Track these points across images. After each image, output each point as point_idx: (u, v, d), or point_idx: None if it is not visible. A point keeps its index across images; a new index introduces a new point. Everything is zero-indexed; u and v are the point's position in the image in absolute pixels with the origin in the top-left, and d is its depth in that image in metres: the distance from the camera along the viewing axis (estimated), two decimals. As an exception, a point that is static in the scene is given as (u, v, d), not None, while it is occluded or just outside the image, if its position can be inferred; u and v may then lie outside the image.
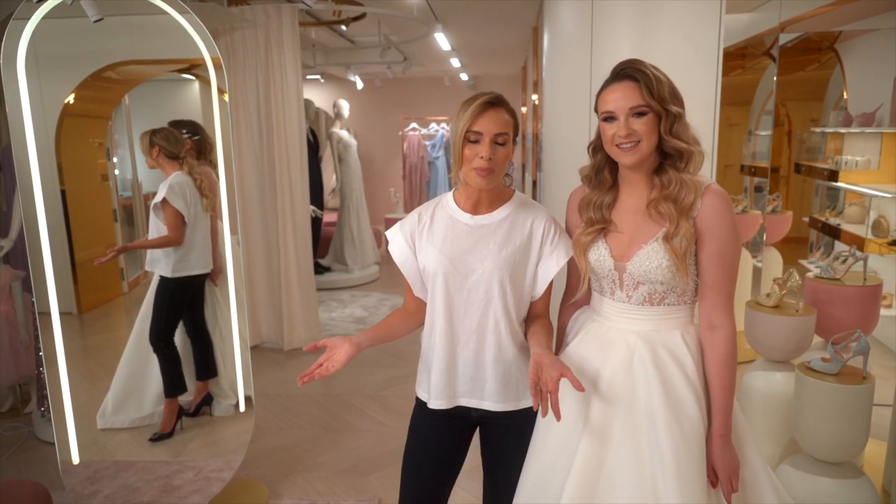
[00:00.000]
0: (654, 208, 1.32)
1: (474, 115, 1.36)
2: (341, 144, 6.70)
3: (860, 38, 4.20)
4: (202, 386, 3.01)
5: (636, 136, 1.28)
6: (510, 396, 1.48)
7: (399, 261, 1.53)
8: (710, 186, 1.30)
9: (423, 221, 1.51)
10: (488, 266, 1.43)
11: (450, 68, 8.11)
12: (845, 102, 4.38)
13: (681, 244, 1.28)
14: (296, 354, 4.29)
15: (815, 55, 4.65)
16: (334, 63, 7.21)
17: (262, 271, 4.33)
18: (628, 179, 1.38)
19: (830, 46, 4.50)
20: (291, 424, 3.25)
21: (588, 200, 1.42)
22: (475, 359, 1.47)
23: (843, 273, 2.45)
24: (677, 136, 1.28)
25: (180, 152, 2.72)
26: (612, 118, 1.30)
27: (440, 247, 1.46)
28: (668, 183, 1.30)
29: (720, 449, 1.29)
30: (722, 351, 1.31)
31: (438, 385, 1.48)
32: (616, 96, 1.29)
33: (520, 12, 4.94)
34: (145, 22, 2.71)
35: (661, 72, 1.28)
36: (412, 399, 1.63)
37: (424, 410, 1.55)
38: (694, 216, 1.29)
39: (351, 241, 6.62)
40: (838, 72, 4.47)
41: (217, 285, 2.97)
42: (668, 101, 1.26)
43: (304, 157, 4.28)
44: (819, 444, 2.08)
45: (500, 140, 1.38)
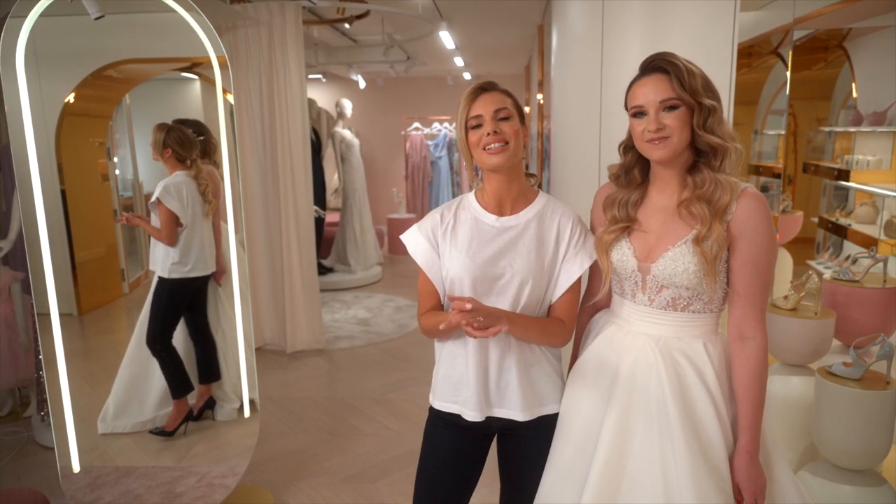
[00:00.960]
0: (685, 208, 1.26)
1: (470, 102, 1.36)
2: (344, 144, 6.65)
3: (870, 35, 4.14)
4: (205, 389, 2.96)
5: (667, 130, 1.22)
6: (533, 403, 1.42)
7: (425, 264, 1.44)
8: (747, 189, 1.23)
9: (447, 222, 1.44)
10: (518, 269, 1.37)
11: (453, 67, 8.06)
12: (854, 101, 4.32)
13: (712, 248, 1.21)
14: (299, 357, 4.24)
15: (822, 54, 4.59)
16: (336, 62, 7.16)
17: (265, 272, 4.27)
18: (660, 177, 1.32)
19: (839, 45, 4.44)
20: (296, 429, 3.20)
21: (614, 198, 1.36)
22: (501, 366, 1.40)
23: (863, 275, 2.39)
24: (711, 131, 1.21)
25: (191, 156, 2.68)
26: (642, 113, 1.25)
27: (466, 250, 1.39)
28: (701, 183, 1.24)
29: (746, 467, 1.23)
30: (753, 364, 1.25)
31: (475, 396, 1.40)
32: (646, 90, 1.23)
33: (525, 11, 4.89)
34: (147, 19, 2.67)
35: (693, 64, 1.22)
36: (418, 403, 1.57)
37: (441, 421, 1.49)
38: (728, 220, 1.22)
39: (353, 241, 6.56)
40: (846, 70, 4.41)
41: (221, 285, 2.92)
42: (700, 94, 1.20)
43: (308, 156, 4.23)
44: (840, 451, 2.02)
45: (501, 115, 1.35)
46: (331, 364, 4.13)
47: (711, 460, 1.21)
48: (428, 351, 4.41)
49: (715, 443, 1.22)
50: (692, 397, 1.24)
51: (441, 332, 1.42)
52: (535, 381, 1.42)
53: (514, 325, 1.32)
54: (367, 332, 4.77)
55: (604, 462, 1.25)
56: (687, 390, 1.24)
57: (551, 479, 1.36)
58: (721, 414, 1.25)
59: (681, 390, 1.24)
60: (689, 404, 1.24)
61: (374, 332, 4.75)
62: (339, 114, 6.68)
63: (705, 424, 1.23)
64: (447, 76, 8.67)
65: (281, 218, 4.19)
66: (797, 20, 3.50)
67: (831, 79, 4.60)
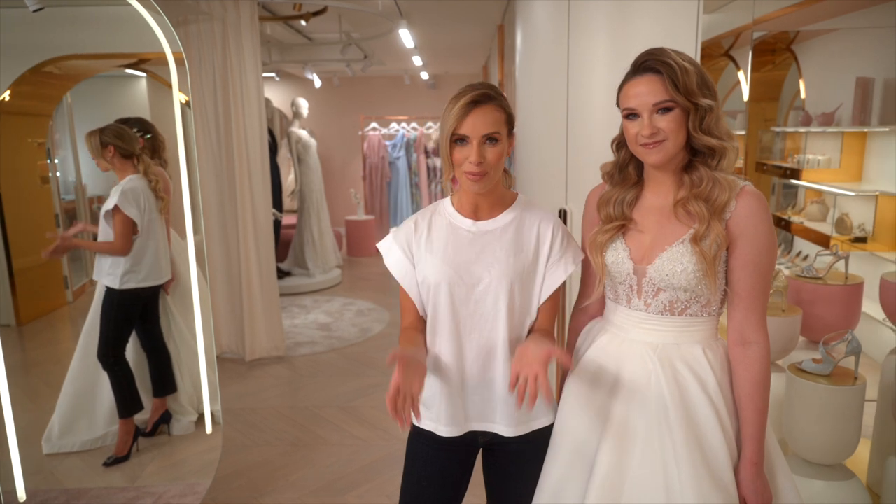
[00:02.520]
0: (682, 207, 1.21)
1: (459, 118, 1.24)
2: (300, 144, 6.48)
3: (817, 38, 4.27)
4: (159, 403, 2.81)
5: (661, 134, 1.17)
6: (522, 418, 1.36)
7: (399, 275, 1.38)
8: (746, 187, 1.19)
9: (421, 230, 1.38)
10: (496, 274, 1.31)
11: (410, 67, 7.98)
12: (802, 102, 4.46)
13: (711, 247, 1.17)
14: (258, 365, 4.09)
15: (770, 56, 4.72)
16: (291, 60, 6.98)
17: (222, 278, 4.10)
18: (654, 177, 1.27)
19: (787, 48, 4.58)
20: (258, 441, 3.06)
21: (608, 197, 1.31)
22: (483, 378, 1.34)
23: (826, 272, 2.44)
24: (708, 132, 1.17)
25: (135, 150, 2.53)
26: (635, 115, 1.19)
27: (442, 256, 1.34)
28: (699, 181, 1.19)
29: (753, 479, 1.18)
30: (756, 369, 1.20)
31: (448, 410, 1.34)
32: (638, 91, 1.18)
33: (485, 10, 4.85)
34: (92, 13, 2.53)
35: (689, 60, 1.17)
36: (385, 409, 1.49)
37: (423, 438, 1.41)
38: (727, 219, 1.18)
39: (312, 244, 6.41)
40: (793, 72, 4.55)
41: (169, 294, 2.78)
42: (696, 94, 1.15)
43: (266, 157, 4.09)
44: (811, 447, 2.05)
45: (490, 138, 1.26)
46: (292, 372, 4.00)
47: (715, 473, 1.16)
48: (393, 355, 4.33)
49: (719, 454, 1.18)
50: (694, 407, 1.19)
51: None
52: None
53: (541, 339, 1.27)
54: (329, 337, 4.65)
55: (602, 479, 1.20)
56: (688, 400, 1.20)
57: (545, 497, 1.30)
58: (724, 423, 1.20)
59: (682, 400, 1.19)
60: (691, 414, 1.19)
61: (336, 338, 4.63)
62: (296, 113, 6.52)
63: (708, 435, 1.18)
64: (404, 75, 8.59)
65: (238, 221, 4.03)
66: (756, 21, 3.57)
67: (779, 81, 4.73)
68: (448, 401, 1.34)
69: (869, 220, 3.75)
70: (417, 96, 9.08)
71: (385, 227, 8.21)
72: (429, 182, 8.24)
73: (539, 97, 3.13)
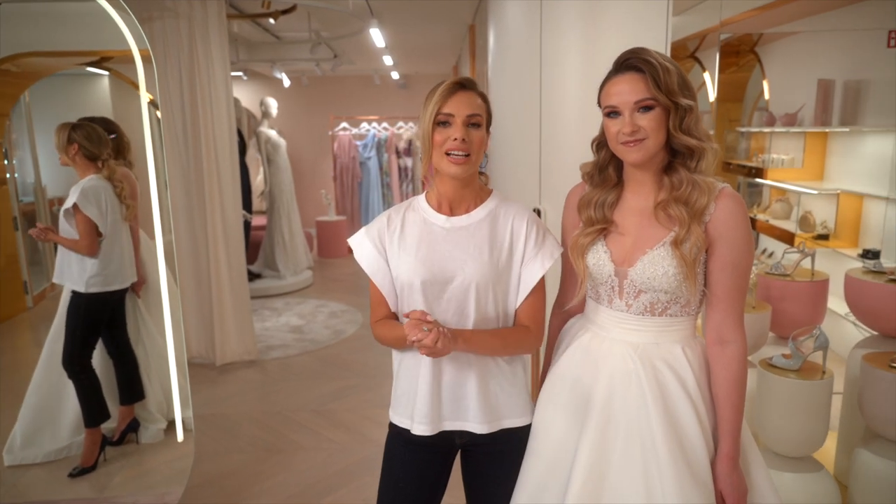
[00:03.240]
0: (662, 210, 1.22)
1: (444, 97, 1.27)
2: (270, 144, 6.39)
3: (781, 40, 4.38)
4: (127, 411, 2.74)
5: (642, 132, 1.18)
6: (492, 415, 1.36)
7: (370, 270, 1.36)
8: (725, 190, 1.21)
9: (394, 225, 1.36)
10: (470, 272, 1.30)
11: (381, 66, 7.93)
12: (766, 103, 4.57)
13: (691, 251, 1.18)
14: (230, 369, 4.01)
15: (734, 58, 4.82)
16: (259, 59, 6.87)
17: (191, 281, 4.01)
18: (634, 178, 1.28)
19: (750, 49, 4.69)
20: (231, 448, 3.00)
21: (589, 199, 1.31)
22: (457, 376, 1.34)
23: (794, 269, 2.50)
24: (688, 132, 1.18)
25: (102, 154, 2.46)
26: (616, 113, 1.20)
27: (415, 253, 1.32)
28: (678, 183, 1.20)
29: (729, 473, 1.21)
30: (734, 368, 1.23)
31: (423, 409, 1.33)
32: (619, 89, 1.19)
33: (457, 10, 4.85)
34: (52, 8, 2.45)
35: (670, 61, 1.18)
36: (360, 412, 1.48)
37: (401, 439, 1.40)
38: (706, 221, 1.20)
39: (282, 245, 6.32)
40: (757, 73, 4.66)
41: (140, 297, 2.71)
42: (677, 94, 1.16)
43: (235, 158, 4.02)
44: (781, 440, 2.09)
45: (473, 121, 1.28)
46: (264, 376, 3.93)
47: (694, 468, 1.19)
48: (368, 357, 4.31)
49: (698, 450, 1.20)
50: (674, 404, 1.21)
51: (395, 345, 1.37)
52: (496, 394, 1.36)
53: (471, 345, 1.27)
54: (302, 339, 4.59)
55: (583, 479, 1.21)
56: (668, 397, 1.22)
57: (523, 497, 1.30)
58: (702, 419, 1.22)
59: (662, 398, 1.21)
60: (671, 412, 1.21)
61: (309, 340, 4.57)
62: (264, 113, 6.42)
63: (687, 431, 1.20)
64: (374, 75, 8.53)
65: (207, 222, 3.95)
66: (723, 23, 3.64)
67: (743, 82, 4.84)
68: (422, 399, 1.33)
69: (831, 217, 3.86)
70: (388, 96, 9.03)
71: (356, 227, 8.14)
72: (400, 182, 8.20)
73: (512, 97, 3.15)
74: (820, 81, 3.84)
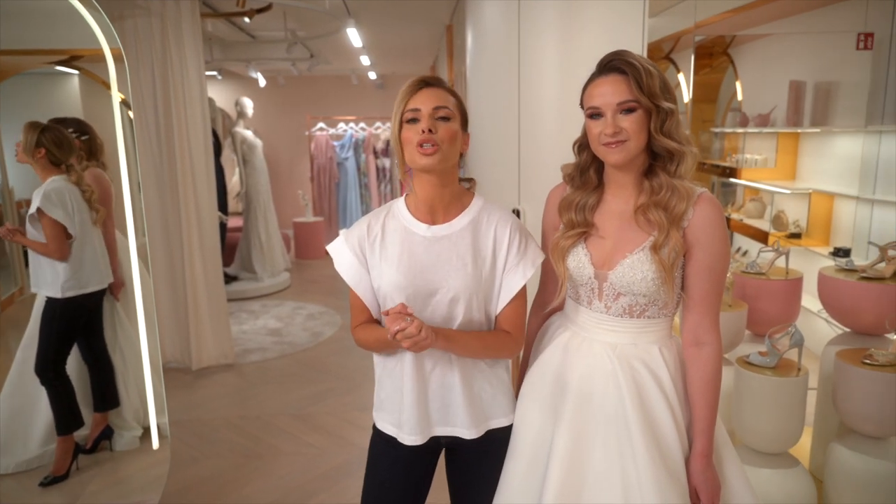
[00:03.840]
0: (642, 214, 1.23)
1: (410, 94, 1.26)
2: (245, 145, 6.31)
3: (753, 42, 4.46)
4: (101, 418, 2.67)
5: (624, 134, 1.18)
6: (479, 418, 1.35)
7: (351, 280, 1.33)
8: (703, 195, 1.22)
9: (374, 233, 1.33)
10: (454, 283, 1.28)
11: (358, 66, 7.89)
12: (739, 104, 4.65)
13: (669, 256, 1.20)
14: (206, 374, 3.95)
15: (708, 60, 4.90)
16: (234, 58, 6.78)
17: (165, 284, 3.94)
18: (615, 180, 1.29)
19: (724, 52, 4.76)
20: (208, 454, 2.95)
21: (570, 201, 1.31)
22: (443, 383, 1.32)
23: (769, 268, 2.54)
24: (669, 135, 1.19)
25: (67, 160, 2.39)
26: (599, 115, 1.21)
27: (397, 265, 1.29)
28: (658, 188, 1.21)
29: (703, 470, 1.23)
30: (709, 369, 1.25)
31: (412, 419, 1.31)
32: (602, 91, 1.19)
33: (434, 10, 4.84)
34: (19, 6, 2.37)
35: (652, 64, 1.19)
36: (340, 415, 1.47)
37: (384, 443, 1.39)
38: (684, 226, 1.22)
39: (259, 247, 6.25)
40: (730, 75, 4.73)
41: (119, 300, 2.65)
42: (659, 97, 1.17)
43: (211, 159, 3.95)
44: (759, 437, 2.12)
45: (441, 114, 1.25)
46: (242, 380, 3.88)
47: (670, 465, 1.21)
48: (347, 359, 4.27)
49: (673, 448, 1.22)
50: (651, 404, 1.23)
51: (377, 348, 1.34)
52: (481, 396, 1.35)
53: (452, 343, 1.26)
54: (280, 342, 4.53)
55: (560, 476, 1.22)
56: (645, 396, 1.23)
57: (505, 496, 1.30)
58: (677, 418, 1.24)
59: (639, 397, 1.23)
60: (647, 411, 1.22)
61: (287, 343, 4.52)
62: (240, 113, 6.33)
63: (663, 430, 1.22)
64: (352, 75, 8.48)
65: (181, 224, 3.88)
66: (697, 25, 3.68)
67: (716, 83, 4.91)
68: (410, 409, 1.31)
69: (803, 216, 3.94)
70: (365, 96, 8.99)
71: (334, 228, 8.09)
72: (378, 183, 8.17)
73: (491, 97, 3.14)
74: (791, 83, 3.91)
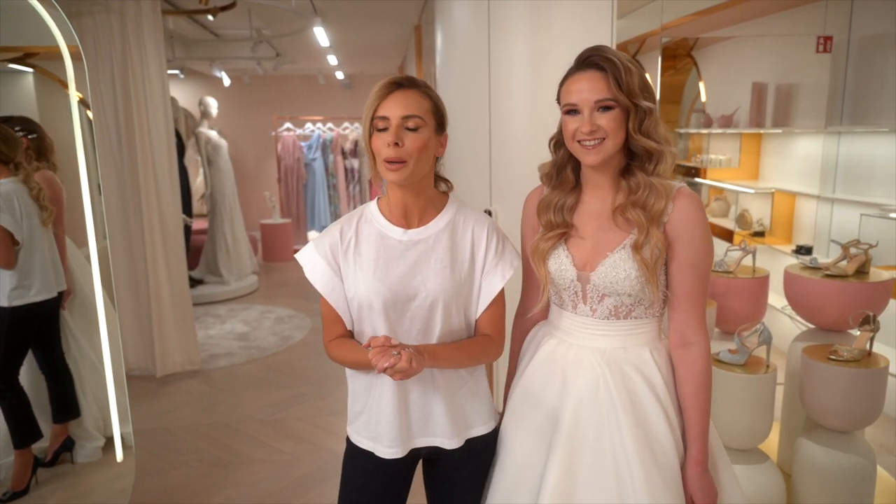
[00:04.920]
0: (620, 214, 1.21)
1: (379, 99, 1.18)
2: (210, 145, 6.17)
3: (716, 45, 4.55)
4: (60, 429, 2.57)
5: (601, 132, 1.15)
6: (462, 428, 1.32)
7: (324, 290, 1.27)
8: (682, 190, 1.20)
9: (347, 239, 1.27)
10: (432, 288, 1.24)
11: (325, 66, 7.80)
12: (702, 105, 4.73)
13: (652, 254, 1.17)
14: (171, 381, 3.84)
15: (672, 62, 4.98)
16: (197, 57, 6.63)
17: (127, 289, 3.82)
18: (592, 181, 1.26)
19: (687, 54, 4.84)
20: (175, 463, 2.87)
21: (548, 202, 1.28)
22: (424, 393, 1.28)
23: (736, 266, 2.58)
24: (647, 135, 1.16)
25: (15, 157, 2.29)
26: (576, 111, 1.17)
27: (373, 272, 1.25)
28: (635, 187, 1.19)
29: (699, 478, 1.19)
30: (699, 370, 1.21)
31: (391, 431, 1.27)
32: (580, 87, 1.15)
33: (402, 10, 4.81)
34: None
35: (632, 61, 1.16)
36: (311, 421, 1.42)
37: (360, 456, 1.34)
38: (665, 221, 1.19)
39: (225, 249, 6.12)
40: (693, 77, 4.82)
41: (65, 308, 2.55)
42: (638, 95, 1.14)
43: (174, 160, 3.85)
44: (730, 433, 2.15)
45: (410, 125, 1.17)
46: (209, 386, 3.78)
47: (665, 474, 1.17)
48: (317, 363, 4.20)
49: (668, 455, 1.19)
50: (643, 409, 1.20)
51: (357, 368, 1.30)
52: (462, 405, 1.32)
53: (437, 360, 1.21)
54: (247, 347, 4.44)
55: (553, 492, 1.18)
56: (638, 403, 1.20)
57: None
58: (672, 423, 1.21)
59: (631, 403, 1.19)
60: (640, 417, 1.19)
61: (255, 348, 4.43)
62: (204, 113, 6.19)
63: (658, 437, 1.19)
64: (318, 74, 8.38)
65: (144, 227, 3.77)
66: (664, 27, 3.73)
67: (680, 84, 4.99)
68: (389, 421, 1.27)
69: (766, 215, 4.03)
70: (333, 96, 8.89)
71: (302, 230, 7.98)
72: (347, 184, 8.09)
73: (461, 97, 3.13)
74: (754, 84, 4.00)
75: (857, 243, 2.32)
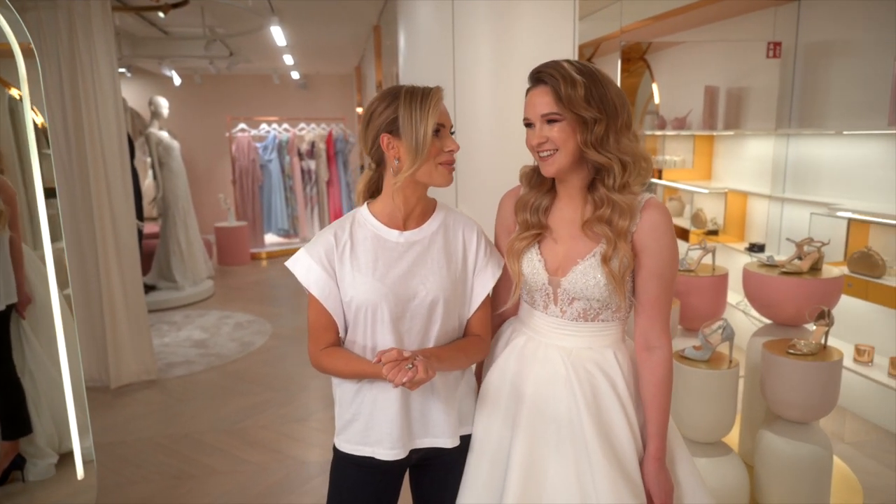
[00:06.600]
0: (589, 228, 1.25)
1: (437, 106, 1.23)
2: (161, 147, 5.97)
3: (668, 49, 4.68)
4: (10, 447, 2.44)
5: (549, 143, 1.20)
6: (457, 425, 1.34)
7: (321, 295, 1.26)
8: (650, 201, 1.23)
9: (342, 243, 1.27)
10: (432, 287, 1.27)
11: (280, 65, 7.67)
12: (656, 107, 4.86)
13: (620, 265, 1.22)
14: (127, 391, 3.70)
15: (626, 65, 5.10)
16: (145, 55, 6.42)
17: (79, 296, 3.66)
18: (564, 190, 1.30)
19: (640, 57, 4.97)
20: (134, 478, 2.76)
21: (525, 201, 1.32)
22: (424, 394, 1.29)
23: (696, 265, 2.66)
24: (597, 147, 1.18)
25: None
26: (531, 125, 1.24)
27: (372, 272, 1.25)
28: (599, 202, 1.23)
29: (656, 473, 1.25)
30: (660, 372, 1.26)
31: (393, 433, 1.27)
32: (532, 101, 1.22)
33: (361, 10, 4.77)
34: None
35: (585, 73, 1.17)
36: (277, 428, 1.40)
37: (347, 462, 1.33)
38: (633, 232, 1.23)
39: (179, 254, 5.93)
40: (646, 79, 4.95)
41: (25, 318, 2.43)
42: (580, 107, 1.16)
43: (127, 163, 3.71)
44: (695, 427, 2.22)
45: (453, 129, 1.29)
46: (167, 396, 3.66)
47: (625, 467, 1.22)
48: (279, 369, 4.12)
49: (627, 450, 1.24)
50: (605, 407, 1.25)
51: (355, 378, 1.29)
52: (460, 402, 1.35)
53: (443, 363, 1.24)
54: (206, 354, 4.32)
55: (519, 482, 1.22)
56: (600, 400, 1.25)
57: (469, 499, 1.30)
58: (631, 420, 1.26)
59: (594, 400, 1.24)
60: (602, 414, 1.24)
61: (214, 355, 4.32)
62: (154, 113, 5.98)
63: (618, 433, 1.24)
64: (273, 74, 8.23)
65: (95, 233, 3.62)
66: (623, 30, 3.81)
67: (634, 87, 5.12)
68: (391, 423, 1.27)
69: (720, 214, 4.17)
70: (288, 96, 8.76)
71: (258, 233, 7.82)
72: (304, 185, 7.96)
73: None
74: (706, 88, 4.13)
75: (811, 241, 2.43)
